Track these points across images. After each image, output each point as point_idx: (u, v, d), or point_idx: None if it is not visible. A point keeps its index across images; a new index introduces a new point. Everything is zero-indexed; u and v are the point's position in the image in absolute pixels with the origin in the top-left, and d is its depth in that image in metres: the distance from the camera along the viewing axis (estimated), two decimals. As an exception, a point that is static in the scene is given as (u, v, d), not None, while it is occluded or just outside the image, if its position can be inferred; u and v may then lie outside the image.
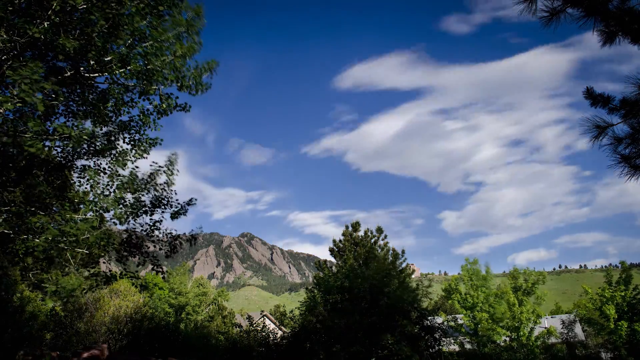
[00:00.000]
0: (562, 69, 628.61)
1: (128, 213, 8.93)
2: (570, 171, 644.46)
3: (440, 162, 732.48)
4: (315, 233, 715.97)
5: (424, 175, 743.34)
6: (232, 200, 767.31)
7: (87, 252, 8.86)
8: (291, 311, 19.74)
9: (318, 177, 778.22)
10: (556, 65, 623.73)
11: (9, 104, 6.40)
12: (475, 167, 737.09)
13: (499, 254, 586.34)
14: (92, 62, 8.03)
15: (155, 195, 9.46)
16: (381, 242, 21.50)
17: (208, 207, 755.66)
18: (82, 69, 8.24)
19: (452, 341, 21.34)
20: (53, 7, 7.03)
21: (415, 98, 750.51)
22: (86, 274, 11.19)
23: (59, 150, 9.14)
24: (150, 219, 9.58)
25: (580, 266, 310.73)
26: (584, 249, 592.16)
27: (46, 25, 7.15)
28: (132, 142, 9.55)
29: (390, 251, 21.24)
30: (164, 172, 9.38)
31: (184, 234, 10.38)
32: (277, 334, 16.84)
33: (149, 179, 9.30)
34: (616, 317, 24.44)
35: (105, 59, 7.96)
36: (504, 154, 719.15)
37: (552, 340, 26.82)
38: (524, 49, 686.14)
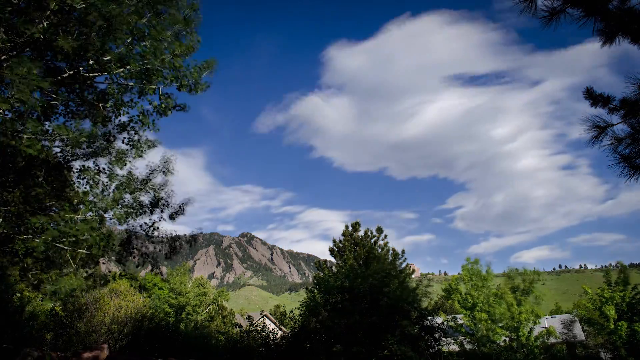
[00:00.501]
0: (609, 62, 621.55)
1: (127, 213, 8.92)
2: (595, 165, 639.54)
3: (471, 156, 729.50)
4: (327, 230, 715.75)
5: (445, 171, 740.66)
6: (247, 196, 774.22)
7: (87, 252, 8.84)
8: (291, 311, 19.71)
9: (336, 176, 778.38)
10: (605, 58, 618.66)
11: (7, 104, 6.39)
12: (504, 160, 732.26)
13: (512, 252, 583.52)
14: (91, 62, 8.02)
15: (154, 195, 9.46)
16: (381, 242, 21.51)
17: (223, 202, 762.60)
18: (81, 68, 8.23)
19: (452, 341, 21.30)
20: (52, 7, 7.01)
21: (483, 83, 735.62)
22: (85, 274, 11.18)
23: (58, 150, 9.13)
24: (150, 219, 9.59)
25: (580, 266, 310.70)
26: (600, 248, 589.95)
27: (45, 25, 7.13)
28: (131, 143, 9.54)
29: (390, 251, 21.24)
30: (162, 172, 9.38)
31: (184, 235, 10.39)
32: (277, 334, 16.80)
33: (147, 179, 9.30)
34: (616, 317, 24.40)
35: (104, 59, 7.95)
36: (539, 146, 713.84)
37: (552, 340, 26.77)
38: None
